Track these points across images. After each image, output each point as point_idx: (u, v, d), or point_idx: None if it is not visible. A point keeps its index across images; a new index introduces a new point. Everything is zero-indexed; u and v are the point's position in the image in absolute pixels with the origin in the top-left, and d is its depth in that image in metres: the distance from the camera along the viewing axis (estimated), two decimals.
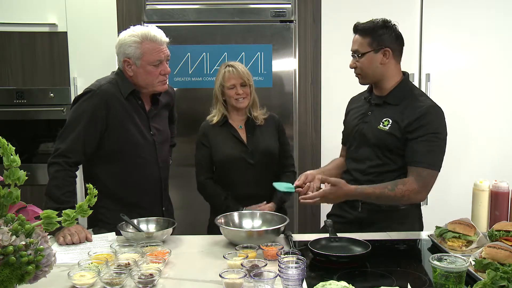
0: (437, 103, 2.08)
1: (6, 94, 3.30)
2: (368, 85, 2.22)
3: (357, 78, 2.14)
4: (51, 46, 3.29)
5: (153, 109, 2.26)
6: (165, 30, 2.21)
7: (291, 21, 3.03)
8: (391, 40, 2.08)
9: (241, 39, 3.03)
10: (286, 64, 3.06)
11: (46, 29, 3.26)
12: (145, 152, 2.20)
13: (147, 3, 3.01)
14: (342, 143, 2.36)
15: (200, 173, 2.49)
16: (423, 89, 3.22)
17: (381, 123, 2.08)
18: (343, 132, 2.35)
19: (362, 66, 2.08)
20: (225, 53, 3.03)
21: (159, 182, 2.27)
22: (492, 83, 3.24)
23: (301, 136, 3.30)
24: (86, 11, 3.24)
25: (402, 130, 2.02)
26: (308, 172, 2.10)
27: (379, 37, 2.05)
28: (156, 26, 2.19)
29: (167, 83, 2.24)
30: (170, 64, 2.98)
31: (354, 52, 2.09)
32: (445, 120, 2.07)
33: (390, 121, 2.06)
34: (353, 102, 2.32)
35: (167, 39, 2.17)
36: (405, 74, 2.15)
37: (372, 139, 2.09)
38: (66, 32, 3.26)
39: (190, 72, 3.04)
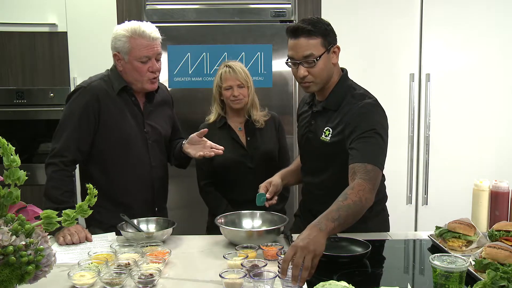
0: (375, 100, 1.91)
1: (6, 94, 3.30)
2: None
3: (303, 87, 1.93)
4: (51, 46, 3.29)
5: (148, 105, 2.22)
6: (165, 30, 2.21)
7: (291, 21, 3.03)
8: (335, 36, 1.92)
9: (241, 39, 3.04)
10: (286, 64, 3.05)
11: (46, 29, 3.27)
12: (136, 150, 2.16)
13: (147, 3, 3.01)
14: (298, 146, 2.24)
15: (201, 178, 2.47)
16: (423, 89, 3.22)
17: (323, 134, 1.95)
18: (297, 137, 2.24)
19: (319, 72, 1.87)
20: (225, 53, 3.03)
21: (150, 182, 2.21)
22: (492, 83, 3.24)
23: None
24: (86, 11, 3.25)
25: (341, 135, 1.88)
26: (274, 182, 2.10)
27: (328, 35, 1.87)
28: (156, 26, 2.17)
29: (157, 81, 2.18)
30: (170, 64, 3.02)
31: (307, 58, 1.84)
32: (384, 117, 1.88)
33: (331, 130, 1.93)
34: (302, 106, 2.19)
35: (158, 36, 2.12)
36: (343, 71, 2.00)
37: (317, 151, 1.99)
38: (66, 32, 3.27)
39: (190, 72, 3.04)
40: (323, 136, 1.94)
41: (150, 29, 2.10)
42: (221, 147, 2.16)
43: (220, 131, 2.45)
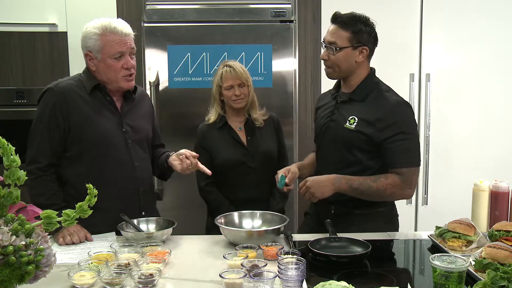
0: (404, 99, 2.05)
1: (6, 94, 3.29)
2: (335, 81, 2.19)
3: (325, 71, 2.09)
4: (51, 46, 3.29)
5: (125, 105, 2.13)
6: (165, 30, 2.20)
7: (291, 21, 3.03)
8: (369, 39, 2.03)
9: (241, 39, 3.03)
10: (286, 64, 3.06)
11: (46, 29, 3.26)
12: (116, 151, 2.06)
13: (147, 3, 3.01)
14: (314, 141, 2.32)
15: (200, 178, 2.45)
16: (423, 89, 3.22)
17: (347, 122, 2.03)
18: (314, 130, 2.33)
19: (337, 61, 2.02)
20: (225, 53, 3.02)
21: (134, 183, 2.11)
22: (492, 83, 3.24)
23: (301, 136, 3.30)
24: (86, 11, 3.24)
25: (371, 127, 1.98)
26: (292, 170, 2.13)
27: (360, 34, 2.00)
28: (156, 26, 2.15)
29: (133, 79, 2.09)
30: (170, 64, 3.02)
31: (330, 44, 2.02)
32: (414, 115, 2.07)
33: (356, 119, 2.02)
34: (322, 99, 2.28)
35: (131, 31, 2.05)
36: (372, 70, 2.11)
37: (339, 139, 2.05)
38: (66, 32, 3.26)
39: (190, 72, 3.04)
40: (347, 124, 2.03)
41: (121, 24, 2.03)
42: (209, 171, 2.10)
43: (220, 131, 2.45)
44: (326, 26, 3.25)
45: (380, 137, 1.97)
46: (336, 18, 2.03)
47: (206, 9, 3.06)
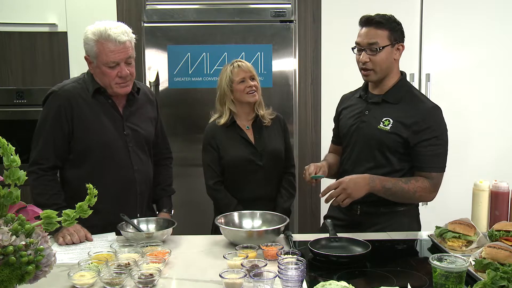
0: (436, 103, 2.07)
1: (6, 94, 3.30)
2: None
3: (363, 74, 2.06)
4: (51, 46, 3.29)
5: (128, 108, 2.13)
6: (165, 30, 2.19)
7: (291, 21, 3.03)
8: (402, 36, 2.07)
9: (241, 39, 3.03)
10: (286, 64, 3.06)
11: (46, 29, 3.26)
12: (116, 154, 2.07)
13: (147, 3, 3.01)
14: (333, 142, 2.35)
15: (209, 177, 2.44)
16: (423, 89, 3.22)
17: (381, 123, 2.04)
18: (333, 130, 2.33)
19: (379, 61, 2.00)
20: (225, 53, 3.03)
21: (133, 186, 2.12)
22: (492, 83, 3.24)
23: (301, 136, 3.31)
24: (86, 11, 3.24)
25: (407, 129, 1.99)
26: (319, 165, 2.10)
27: (396, 32, 2.02)
28: (156, 26, 2.14)
29: (129, 85, 2.06)
30: (170, 64, 3.02)
31: (371, 45, 1.99)
32: (445, 121, 2.08)
33: (391, 120, 2.02)
34: (346, 101, 2.27)
35: (127, 39, 1.98)
36: (402, 74, 2.13)
37: (372, 140, 2.06)
38: (66, 32, 3.26)
39: (190, 72, 3.04)
40: (381, 125, 2.04)
41: (118, 31, 1.96)
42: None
43: (228, 130, 2.45)
44: (326, 26, 3.30)
45: (414, 140, 1.99)
46: (370, 20, 2.01)
47: (206, 9, 3.06)
